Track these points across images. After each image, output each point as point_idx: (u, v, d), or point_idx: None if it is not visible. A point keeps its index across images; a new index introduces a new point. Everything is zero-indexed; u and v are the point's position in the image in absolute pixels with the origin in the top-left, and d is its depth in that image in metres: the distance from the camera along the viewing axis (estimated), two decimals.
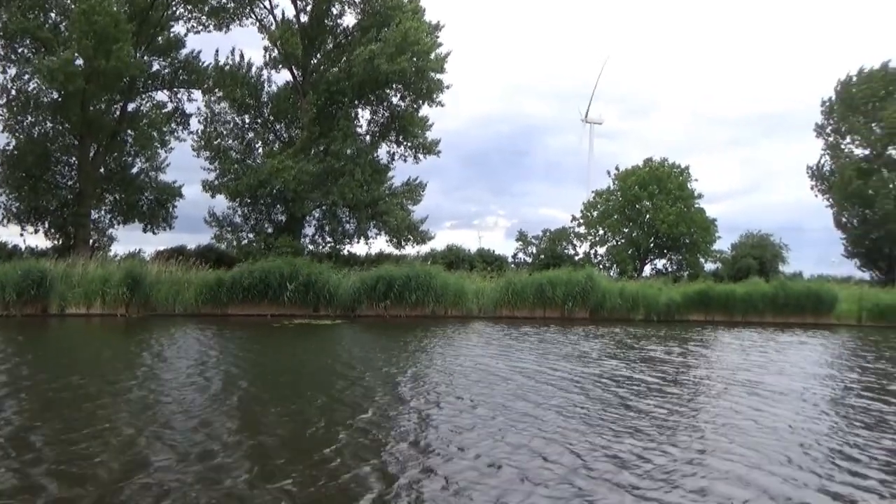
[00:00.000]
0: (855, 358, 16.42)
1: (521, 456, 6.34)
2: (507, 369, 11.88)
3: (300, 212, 30.54)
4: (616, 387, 10.44)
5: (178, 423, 7.26)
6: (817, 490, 5.64)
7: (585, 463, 6.16)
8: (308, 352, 14.95)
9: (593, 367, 12.57)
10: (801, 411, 9.02)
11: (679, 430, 7.69)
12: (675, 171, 40.22)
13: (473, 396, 9.25)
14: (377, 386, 9.98)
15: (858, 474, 6.11)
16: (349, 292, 23.37)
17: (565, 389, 10.01)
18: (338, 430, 7.17)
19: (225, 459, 6.00)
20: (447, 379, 10.78)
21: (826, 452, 6.88)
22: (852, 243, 45.95)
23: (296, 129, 32.64)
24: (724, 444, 6.99)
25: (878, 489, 5.73)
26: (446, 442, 6.83)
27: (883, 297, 30.23)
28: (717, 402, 9.41)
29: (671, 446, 6.86)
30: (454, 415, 8.12)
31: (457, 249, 37.52)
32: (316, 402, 8.68)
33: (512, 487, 5.46)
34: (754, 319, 27.30)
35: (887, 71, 44.41)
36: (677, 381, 11.46)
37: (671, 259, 40.88)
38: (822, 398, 10.29)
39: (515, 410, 8.39)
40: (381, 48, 28.66)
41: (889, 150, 43.43)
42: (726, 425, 7.92)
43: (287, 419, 7.67)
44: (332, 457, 6.18)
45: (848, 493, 5.58)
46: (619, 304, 25.95)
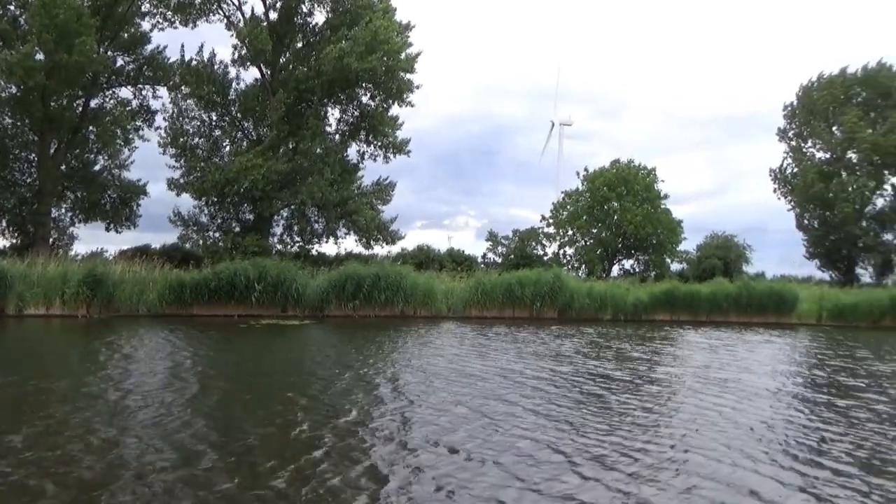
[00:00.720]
0: (820, 356, 16.83)
1: (509, 456, 6.35)
2: (486, 369, 11.92)
3: (268, 211, 30.20)
4: (595, 385, 10.56)
5: (158, 426, 7.09)
6: (799, 488, 5.76)
7: (575, 462, 6.21)
8: (280, 352, 14.75)
9: (570, 366, 12.70)
10: (777, 408, 9.24)
11: (662, 428, 7.81)
12: (642, 173, 40.82)
13: (454, 396, 9.24)
14: (356, 387, 9.89)
15: (838, 471, 6.27)
16: (317, 292, 23.20)
17: (545, 389, 10.08)
18: (322, 431, 7.10)
19: (210, 462, 5.90)
20: (426, 379, 10.74)
21: (806, 448, 7.07)
22: (813, 244, 47.12)
23: (264, 127, 32.25)
24: (708, 443, 7.10)
25: (853, 482, 5.92)
26: (433, 442, 6.80)
27: (842, 297, 31.05)
28: (694, 400, 9.56)
29: (656, 445, 6.94)
30: (437, 415, 8.09)
31: (427, 249, 37.58)
32: (297, 403, 8.57)
33: (504, 486, 5.48)
34: (719, 319, 27.81)
35: (846, 77, 45.66)
36: (654, 379, 11.64)
37: (638, 259, 41.47)
38: (795, 396, 10.55)
39: (498, 410, 8.41)
40: (351, 47, 28.51)
41: (848, 154, 44.62)
42: (707, 423, 8.07)
43: (269, 421, 7.54)
44: (319, 459, 6.11)
45: (828, 488, 5.75)
46: (588, 304, 26.23)
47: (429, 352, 14.60)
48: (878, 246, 44.59)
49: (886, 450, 7.12)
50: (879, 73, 44.53)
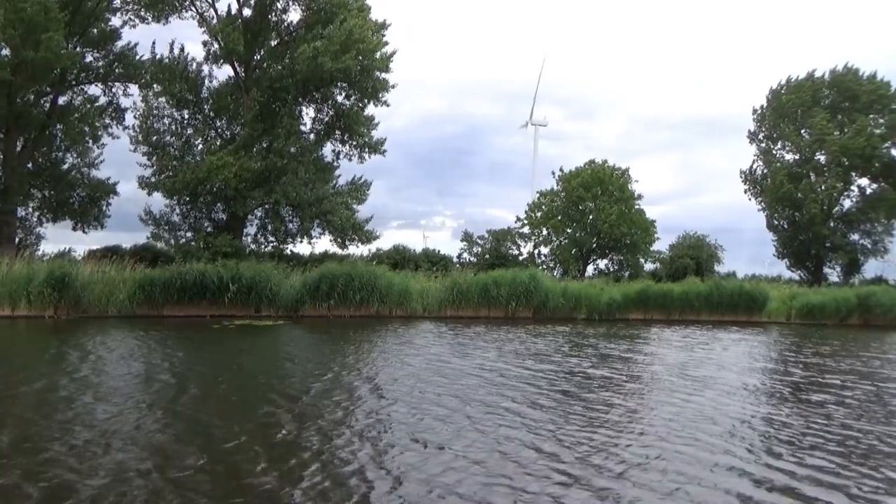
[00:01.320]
0: (793, 354, 17.23)
1: (499, 455, 6.36)
2: (470, 368, 11.97)
3: (241, 210, 29.85)
4: (578, 384, 10.70)
5: (139, 429, 6.96)
6: (782, 483, 5.88)
7: (563, 462, 6.26)
8: (255, 353, 14.54)
9: (552, 365, 12.82)
10: (755, 405, 9.51)
11: (646, 426, 7.95)
12: (616, 173, 41.19)
13: (442, 395, 9.25)
14: (338, 387, 9.83)
15: (818, 466, 6.44)
16: (292, 292, 23.00)
17: (529, 387, 10.17)
18: (310, 432, 7.05)
19: (193, 464, 5.83)
20: (406, 379, 10.72)
21: (787, 443, 7.29)
22: (782, 244, 48.00)
23: (237, 125, 31.88)
24: (692, 441, 7.22)
25: (832, 474, 6.05)
26: (423, 441, 6.80)
27: (811, 296, 31.69)
28: (676, 398, 9.74)
29: (641, 444, 7.04)
30: (425, 413, 8.07)
31: (402, 249, 37.49)
32: (277, 404, 8.48)
33: (498, 485, 5.49)
34: (690, 317, 28.21)
35: (813, 80, 46.58)
36: (634, 377, 11.84)
37: (613, 259, 41.82)
38: (772, 392, 10.85)
39: (482, 409, 8.45)
40: (326, 46, 28.28)
41: (816, 156, 45.51)
42: (689, 421, 8.23)
43: (248, 423, 7.45)
44: (310, 460, 6.06)
45: (808, 481, 5.91)
46: (562, 303, 26.41)
47: (408, 351, 14.60)
48: (844, 246, 45.60)
49: (864, 443, 7.37)
50: (846, 76, 45.51)
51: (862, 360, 16.10)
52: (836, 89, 45.84)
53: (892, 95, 45.18)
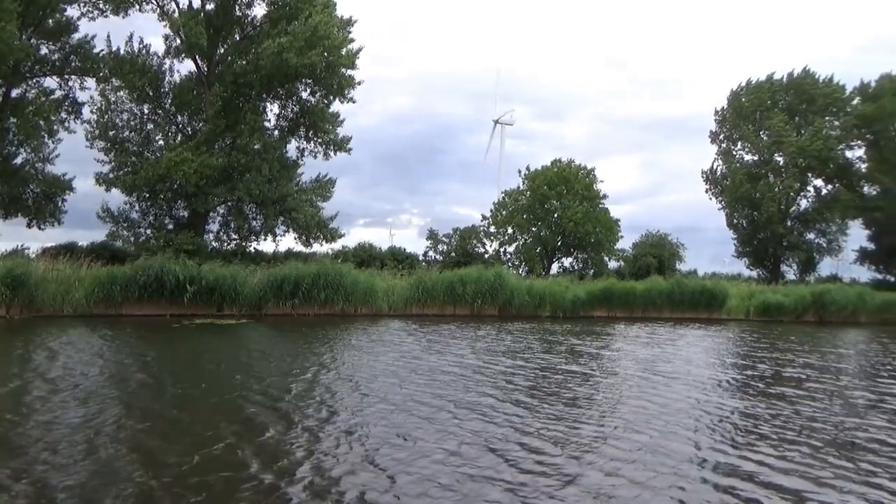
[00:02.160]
0: (755, 349, 17.64)
1: (492, 454, 6.35)
2: (447, 365, 11.99)
3: (203, 207, 29.29)
4: (556, 380, 10.82)
5: (132, 429, 6.78)
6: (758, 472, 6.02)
7: (553, 458, 6.29)
8: (218, 353, 14.17)
9: (527, 361, 12.93)
10: (727, 397, 9.82)
11: (627, 418, 8.12)
12: (581, 173, 41.58)
13: (423, 393, 9.23)
14: (321, 386, 9.71)
15: (786, 455, 6.59)
16: (255, 290, 22.67)
17: (511, 384, 10.21)
18: (298, 432, 6.95)
19: (192, 464, 5.72)
20: (389, 376, 10.66)
21: (764, 434, 7.52)
22: (742, 243, 49.11)
23: (199, 121, 31.27)
24: (677, 436, 7.38)
25: (802, 462, 6.13)
26: (413, 439, 6.76)
27: (769, 294, 32.48)
28: (651, 392, 9.96)
29: (624, 437, 7.18)
30: (410, 412, 8.01)
31: (368, 247, 37.30)
32: (264, 404, 8.29)
33: (494, 483, 5.48)
34: (653, 315, 28.66)
35: (772, 83, 47.73)
36: (610, 372, 12.04)
37: (577, 257, 42.22)
38: (740, 385, 11.19)
39: (469, 405, 8.49)
40: (291, 41, 27.90)
41: (775, 157, 46.64)
42: (669, 413, 8.48)
43: (242, 424, 7.27)
44: (302, 459, 5.96)
45: (780, 469, 6.08)
46: (527, 301, 26.59)
47: (382, 349, 14.55)
48: (801, 245, 46.85)
49: (828, 431, 7.68)
50: (804, 80, 46.73)
51: (819, 355, 16.61)
52: (793, 92, 47.07)
53: (847, 99, 46.59)
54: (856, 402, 9.87)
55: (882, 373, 13.66)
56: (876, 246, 47.94)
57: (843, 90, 46.56)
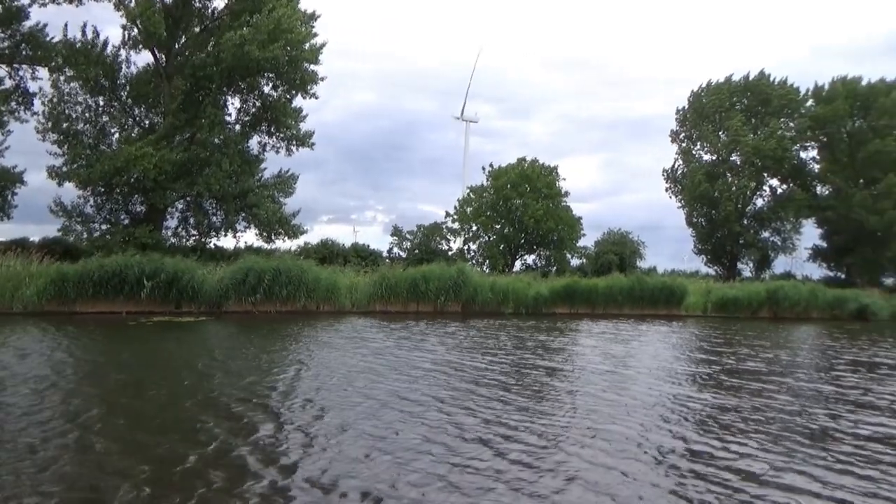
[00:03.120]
0: (718, 344, 18.03)
1: (491, 452, 6.31)
2: (422, 362, 11.92)
3: (161, 203, 28.65)
4: (534, 377, 10.88)
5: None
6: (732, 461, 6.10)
7: (547, 451, 6.29)
8: (197, 351, 13.63)
9: (501, 358, 12.99)
10: (702, 391, 10.07)
11: (613, 411, 8.26)
12: (544, 171, 41.93)
13: (406, 390, 9.17)
14: (302, 384, 9.49)
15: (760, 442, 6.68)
16: (215, 287, 22.25)
17: (492, 381, 10.20)
18: (292, 432, 6.76)
19: (192, 462, 5.57)
20: (369, 373, 10.51)
21: (736, 425, 7.74)
22: (700, 241, 50.19)
23: (157, 114, 30.62)
24: (662, 424, 7.61)
25: (774, 450, 6.28)
26: (402, 435, 6.73)
27: (726, 291, 33.22)
28: (631, 386, 10.19)
29: (613, 430, 7.28)
30: (400, 410, 7.91)
31: (331, 244, 37.05)
32: (252, 403, 8.06)
33: (497, 482, 5.42)
34: (614, 311, 29.04)
35: (731, 84, 48.81)
36: (584, 368, 12.15)
37: (540, 255, 42.60)
38: (710, 378, 11.47)
39: (456, 402, 8.47)
40: (253, 34, 27.49)
41: (732, 157, 47.74)
42: (654, 406, 8.68)
43: (236, 423, 7.07)
44: (304, 460, 5.79)
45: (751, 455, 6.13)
46: (490, 298, 26.68)
47: (355, 346, 14.33)
48: (757, 243, 48.11)
49: (791, 420, 7.97)
50: (760, 82, 47.91)
51: (779, 349, 17.10)
52: (750, 93, 48.22)
53: (801, 100, 47.93)
54: (819, 394, 10.27)
55: (837, 366, 14.14)
56: (827, 244, 49.52)
57: (798, 92, 47.90)
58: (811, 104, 47.92)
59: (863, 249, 45.46)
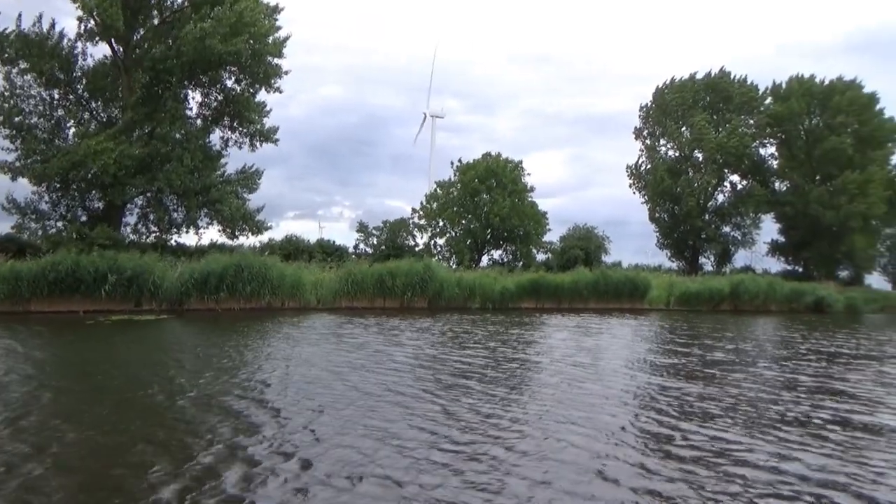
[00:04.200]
0: (686, 337, 18.49)
1: (491, 442, 6.38)
2: (406, 357, 11.99)
3: (120, 199, 27.90)
4: (515, 370, 11.10)
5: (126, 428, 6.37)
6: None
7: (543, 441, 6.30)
8: (165, 351, 13.25)
9: (481, 351, 13.19)
10: (681, 381, 10.38)
11: (596, 402, 8.52)
12: (509, 166, 42.07)
13: (398, 384, 9.18)
14: (288, 382, 9.32)
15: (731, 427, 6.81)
16: (176, 285, 21.83)
17: (480, 374, 10.36)
18: (291, 432, 6.60)
19: (201, 459, 5.46)
20: (357, 369, 10.43)
21: (723, 412, 8.14)
22: (663, 236, 50.96)
23: (115, 108, 29.83)
24: (652, 413, 7.90)
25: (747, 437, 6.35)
26: (405, 428, 6.74)
27: (689, 285, 33.82)
28: (613, 378, 10.52)
29: (604, 419, 7.54)
30: (398, 405, 7.88)
31: (295, 240, 36.62)
32: (243, 401, 7.89)
33: (510, 475, 5.45)
34: (579, 306, 29.30)
35: (695, 82, 49.59)
36: (562, 360, 12.40)
37: (507, 250, 42.75)
38: (685, 369, 11.91)
39: (449, 393, 8.61)
40: (214, 27, 26.91)
41: (695, 153, 48.55)
42: (639, 396, 9.02)
43: (228, 423, 6.88)
44: (305, 463, 5.59)
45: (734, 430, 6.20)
46: (457, 293, 26.72)
47: (332, 342, 14.25)
48: (717, 237, 49.05)
49: (758, 407, 8.27)
50: (722, 80, 48.77)
51: (742, 341, 17.67)
52: (713, 91, 49.04)
53: (761, 98, 48.96)
54: (786, 381, 10.72)
55: (800, 356, 14.71)
56: (785, 239, 50.80)
57: (757, 90, 48.91)
58: (769, 102, 48.99)
59: (819, 244, 46.72)
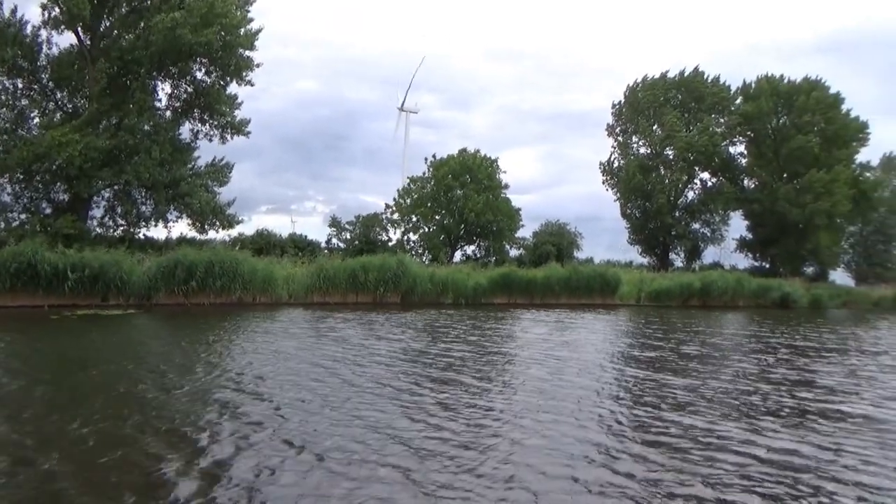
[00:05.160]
0: (660, 332, 18.69)
1: (486, 432, 6.45)
2: (395, 351, 11.99)
3: (86, 191, 27.32)
4: (501, 362, 11.28)
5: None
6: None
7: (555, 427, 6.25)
8: (139, 345, 12.84)
9: (466, 345, 13.27)
10: (669, 375, 10.46)
11: (585, 395, 8.63)
12: (485, 162, 42.17)
13: (398, 378, 9.17)
14: (278, 376, 9.14)
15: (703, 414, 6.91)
16: (144, 279, 21.44)
17: (471, 367, 10.44)
18: (295, 423, 6.51)
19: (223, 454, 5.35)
20: (346, 363, 10.34)
21: (708, 402, 8.28)
22: (634, 232, 51.55)
23: (81, 99, 29.18)
24: (649, 403, 8.04)
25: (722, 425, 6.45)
26: (397, 425, 6.67)
27: (659, 280, 34.25)
28: (601, 371, 10.70)
29: (602, 407, 7.56)
30: (390, 397, 7.85)
31: (267, 234, 36.28)
32: (242, 393, 7.78)
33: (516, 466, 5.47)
34: (551, 301, 29.50)
35: (666, 80, 50.16)
36: (546, 353, 12.59)
37: (480, 245, 42.87)
38: (665, 362, 12.06)
39: (443, 386, 8.65)
40: (185, 17, 26.46)
41: (666, 151, 49.13)
42: (632, 387, 9.20)
43: (226, 415, 6.77)
44: (310, 455, 5.52)
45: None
46: (430, 288, 26.69)
47: (314, 335, 14.09)
48: (688, 234, 49.78)
49: (732, 396, 8.28)
50: (694, 79, 49.40)
51: (716, 336, 17.96)
52: (684, 90, 49.67)
53: (732, 98, 49.71)
54: (762, 373, 11.04)
55: (770, 349, 15.04)
56: (753, 235, 51.73)
57: (728, 90, 49.65)
58: (740, 102, 49.75)
59: (786, 241, 47.66)
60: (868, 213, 51.86)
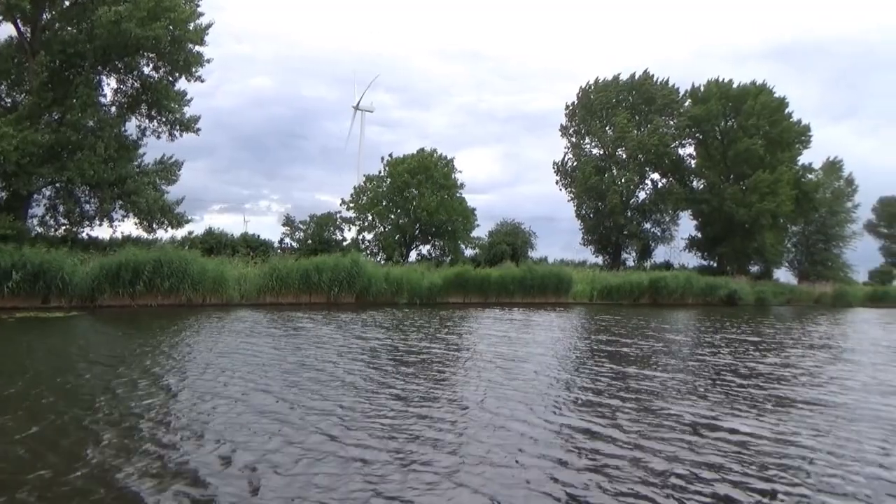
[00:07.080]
0: (619, 328, 19.06)
1: (478, 426, 6.46)
2: (380, 346, 12.22)
3: (25, 189, 26.24)
4: (481, 357, 11.50)
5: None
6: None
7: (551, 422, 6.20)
8: (88, 349, 12.02)
9: (439, 342, 13.37)
10: (626, 365, 10.96)
11: (567, 389, 8.56)
12: (441, 162, 42.15)
13: (384, 376, 9.13)
14: (263, 377, 8.89)
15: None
16: (87, 279, 20.75)
17: (464, 363, 10.68)
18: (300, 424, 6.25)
19: None
20: (342, 362, 10.29)
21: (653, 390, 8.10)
22: (588, 232, 52.29)
23: (21, 93, 28.06)
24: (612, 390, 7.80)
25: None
26: (394, 421, 6.63)
27: (611, 279, 34.84)
28: (569, 366, 11.03)
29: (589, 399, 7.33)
30: (387, 395, 7.79)
31: (218, 234, 35.48)
32: (217, 399, 7.44)
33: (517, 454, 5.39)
34: (506, 300, 29.70)
35: (619, 83, 51.02)
36: (513, 347, 12.99)
37: (435, 245, 42.82)
38: (627, 356, 12.40)
39: (435, 382, 8.79)
40: (131, 10, 25.68)
41: (618, 152, 49.97)
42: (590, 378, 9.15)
43: (222, 417, 6.61)
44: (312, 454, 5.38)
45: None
46: (385, 288, 26.56)
47: (284, 335, 13.79)
48: (639, 233, 50.73)
49: (679, 383, 8.42)
50: (645, 81, 50.37)
51: (666, 330, 18.46)
52: (636, 92, 50.61)
53: (681, 100, 50.88)
54: (715, 365, 11.53)
55: (727, 343, 15.70)
56: (702, 235, 53.14)
57: (678, 93, 50.80)
58: (689, 104, 50.98)
59: (733, 240, 49.10)
60: (810, 213, 53.83)
